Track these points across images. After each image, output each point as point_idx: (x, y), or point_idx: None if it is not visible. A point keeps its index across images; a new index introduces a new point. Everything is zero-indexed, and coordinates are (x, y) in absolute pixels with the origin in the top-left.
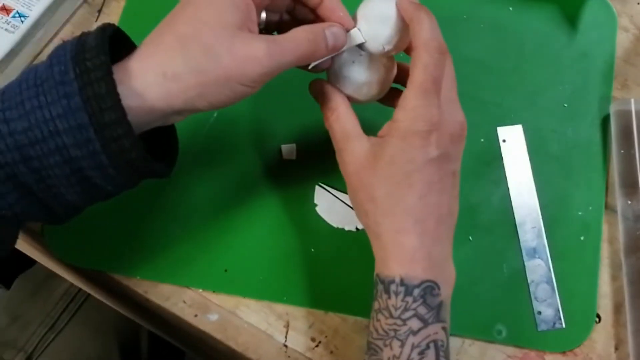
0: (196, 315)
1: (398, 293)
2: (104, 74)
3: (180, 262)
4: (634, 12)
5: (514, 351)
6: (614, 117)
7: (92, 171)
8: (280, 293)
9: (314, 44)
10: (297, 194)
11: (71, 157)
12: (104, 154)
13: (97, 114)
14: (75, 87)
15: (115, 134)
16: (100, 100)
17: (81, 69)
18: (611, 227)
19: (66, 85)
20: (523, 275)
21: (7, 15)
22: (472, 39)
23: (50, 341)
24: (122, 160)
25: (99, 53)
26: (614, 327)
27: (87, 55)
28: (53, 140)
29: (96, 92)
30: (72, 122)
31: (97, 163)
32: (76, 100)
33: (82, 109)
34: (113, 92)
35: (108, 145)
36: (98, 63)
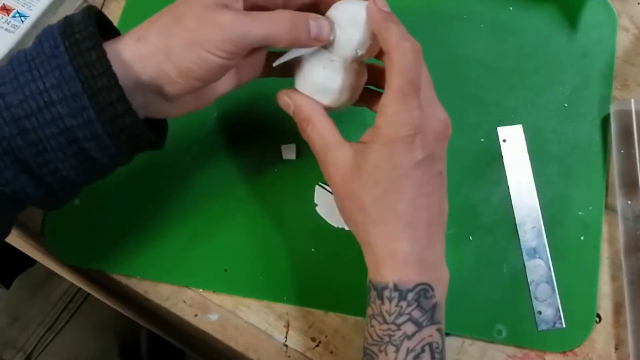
0: (196, 315)
1: (392, 299)
2: (93, 43)
3: (180, 262)
4: (634, 12)
5: (514, 351)
6: (614, 117)
7: (88, 142)
8: (280, 293)
9: (290, 26)
10: (297, 194)
11: (67, 127)
12: (99, 121)
13: (90, 81)
14: (67, 58)
15: (109, 99)
16: (92, 68)
17: (70, 41)
18: (611, 227)
19: (58, 58)
20: (523, 275)
21: (7, 15)
22: (472, 39)
23: (49, 341)
24: (116, 127)
25: (87, 25)
26: (614, 327)
27: (76, 28)
28: (48, 110)
29: (87, 60)
30: (66, 91)
31: (92, 131)
32: (68, 70)
33: (74, 77)
34: (103, 59)
35: (102, 111)
36: (87, 34)
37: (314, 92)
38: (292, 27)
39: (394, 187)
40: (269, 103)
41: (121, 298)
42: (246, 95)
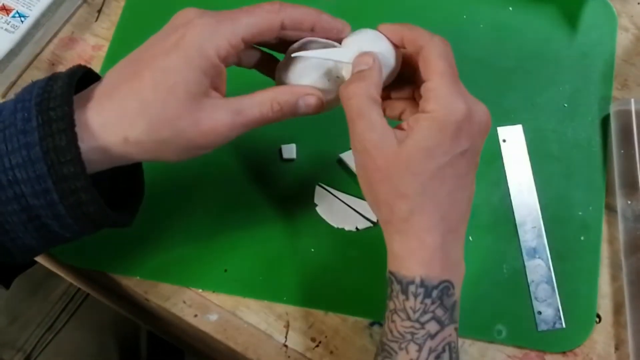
0: (196, 315)
1: (417, 295)
2: (66, 126)
3: (180, 262)
4: (634, 12)
5: (514, 351)
6: (614, 117)
7: (50, 220)
8: (280, 293)
9: (280, 114)
10: (297, 194)
11: (29, 205)
12: (62, 204)
13: (56, 166)
14: (36, 137)
15: (74, 186)
16: (60, 153)
17: (44, 118)
18: (611, 227)
19: (27, 135)
20: (523, 275)
21: (7, 15)
22: (472, 39)
23: (49, 341)
24: (79, 212)
25: (62, 103)
26: (614, 327)
27: (52, 104)
28: (11, 188)
29: (57, 144)
30: (31, 172)
31: (55, 213)
32: (36, 151)
33: (41, 159)
34: (74, 146)
35: (66, 197)
36: (61, 114)
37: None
38: (281, 115)
39: (439, 175)
40: None
41: (121, 298)
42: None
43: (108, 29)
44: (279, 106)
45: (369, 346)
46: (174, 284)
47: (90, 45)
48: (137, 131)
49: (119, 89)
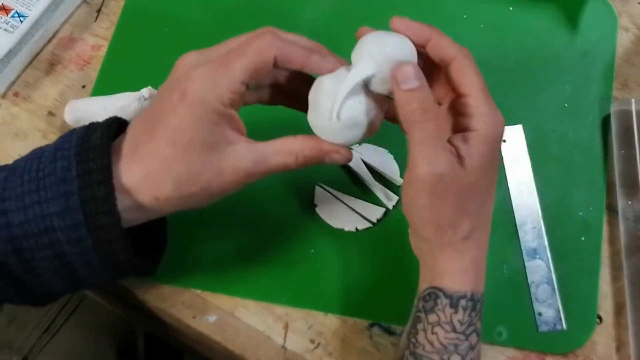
0: (195, 316)
1: (467, 308)
2: (104, 178)
3: (179, 263)
4: (634, 12)
5: (515, 353)
6: (614, 117)
7: (81, 267)
8: (279, 294)
9: (303, 165)
10: (297, 194)
11: (63, 252)
12: (95, 252)
13: (93, 216)
14: (75, 186)
15: (109, 236)
16: (98, 203)
17: (84, 169)
18: (612, 228)
19: (67, 184)
20: (523, 276)
21: (6, 15)
22: (472, 39)
23: (46, 342)
24: (110, 261)
25: (101, 154)
26: (615, 328)
27: (91, 154)
28: (47, 235)
29: (95, 194)
30: (68, 220)
31: (87, 261)
32: (74, 200)
33: (79, 209)
34: (111, 197)
35: (100, 246)
36: (100, 165)
37: (345, 126)
38: (300, 165)
39: (490, 190)
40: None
41: (119, 299)
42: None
43: (107, 29)
44: (304, 159)
45: (369, 347)
46: (173, 285)
47: (90, 45)
48: (165, 190)
49: (139, 149)
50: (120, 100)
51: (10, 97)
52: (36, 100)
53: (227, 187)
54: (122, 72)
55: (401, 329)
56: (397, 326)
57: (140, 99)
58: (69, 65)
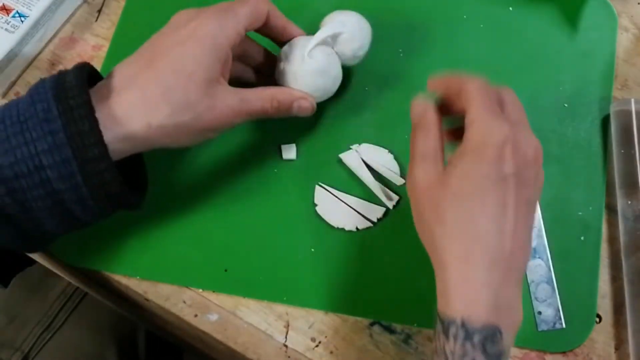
0: (196, 315)
1: (457, 337)
2: (86, 112)
3: (180, 262)
4: (634, 12)
5: (514, 351)
6: (614, 117)
7: (73, 203)
8: (280, 293)
9: (277, 111)
10: (297, 194)
11: (54, 189)
12: (86, 186)
13: (81, 149)
14: (59, 124)
15: (98, 168)
16: (84, 137)
17: (64, 106)
18: (611, 227)
19: (50, 123)
20: (523, 275)
21: (7, 15)
22: (472, 39)
23: (47, 341)
24: (102, 193)
25: (80, 92)
26: (614, 327)
27: (69, 93)
28: (38, 174)
29: (80, 129)
30: (57, 157)
31: (79, 195)
32: (60, 137)
33: (66, 144)
34: (96, 130)
35: (90, 178)
36: (80, 102)
37: (315, 70)
38: (278, 112)
39: (478, 199)
40: None
41: (120, 298)
42: None
43: (108, 29)
44: (277, 103)
45: (369, 346)
46: (174, 284)
47: (91, 45)
48: (160, 116)
49: (136, 79)
50: None
51: (11, 97)
52: None
53: (216, 122)
54: None
55: (401, 327)
56: (398, 325)
57: None
58: (69, 65)
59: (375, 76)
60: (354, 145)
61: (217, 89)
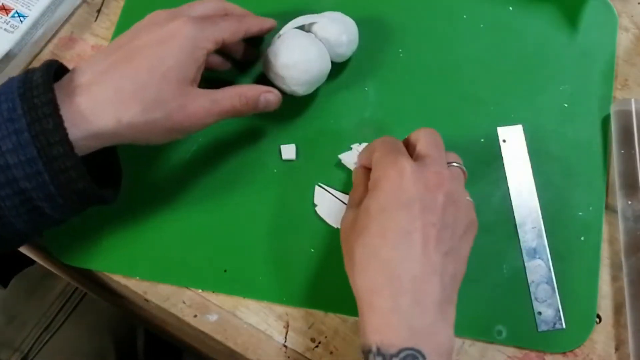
0: (195, 315)
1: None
2: (51, 110)
3: (180, 262)
4: (634, 12)
5: (514, 352)
6: (614, 117)
7: (42, 201)
8: (280, 293)
9: (246, 107)
10: (297, 194)
11: (21, 189)
12: (53, 184)
13: (46, 148)
14: (24, 123)
15: (63, 165)
16: (49, 135)
17: (29, 105)
18: (611, 228)
19: (15, 122)
20: (523, 276)
21: (7, 15)
22: (472, 38)
23: (46, 341)
24: (69, 190)
25: (45, 90)
26: (615, 327)
27: (34, 92)
28: (3, 173)
29: (44, 127)
30: (22, 156)
31: (46, 193)
32: (25, 136)
33: (31, 144)
34: (60, 127)
35: (56, 176)
36: (45, 100)
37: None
38: (247, 108)
39: (377, 230)
40: None
41: (119, 298)
42: None
43: (108, 29)
44: (245, 99)
45: None
46: (174, 284)
47: (90, 45)
48: (131, 112)
49: (109, 74)
50: None
51: None
52: None
53: (187, 121)
54: None
55: None
56: None
57: None
58: (69, 65)
59: (375, 76)
60: (354, 145)
61: (189, 90)
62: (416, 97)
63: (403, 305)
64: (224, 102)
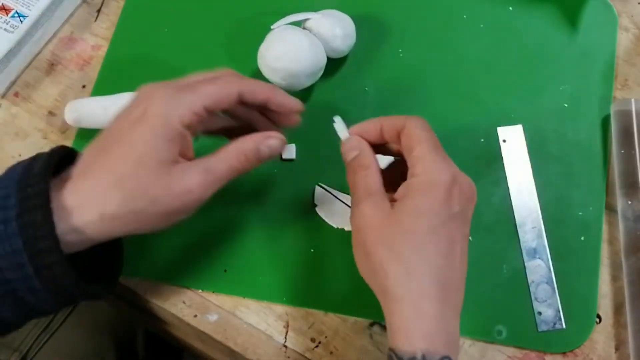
0: (196, 315)
1: None
2: (41, 202)
3: (180, 262)
4: (634, 11)
5: (514, 352)
6: (614, 117)
7: (26, 293)
8: (280, 293)
9: (247, 163)
10: (297, 194)
11: (6, 279)
12: (37, 278)
13: (32, 241)
14: (14, 213)
15: (48, 261)
16: (37, 228)
17: (22, 195)
18: (611, 228)
19: (6, 211)
20: (523, 276)
21: (6, 15)
22: (472, 38)
23: (45, 341)
24: (54, 285)
25: (40, 180)
26: (615, 327)
27: (30, 181)
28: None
29: (33, 219)
30: (8, 247)
31: (30, 286)
32: (13, 226)
33: (17, 234)
34: (49, 220)
35: (40, 271)
36: (38, 190)
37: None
38: (248, 164)
39: (432, 237)
40: None
41: (119, 298)
42: None
43: (107, 29)
44: (244, 156)
45: (369, 346)
46: (174, 284)
47: (90, 45)
48: (112, 205)
49: (92, 167)
50: (120, 100)
51: (10, 97)
52: (36, 100)
53: (179, 203)
54: (122, 72)
55: None
56: None
57: None
58: (69, 65)
59: (375, 76)
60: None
61: (172, 169)
62: (416, 97)
63: (446, 313)
64: (218, 168)
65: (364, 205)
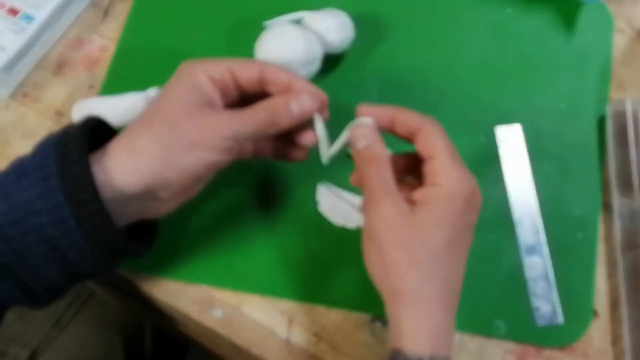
0: (201, 311)
1: None
2: (79, 155)
3: (185, 258)
4: (630, 14)
5: (513, 346)
6: (610, 117)
7: (69, 250)
8: (284, 289)
9: (272, 117)
10: (299, 192)
11: (48, 235)
12: (79, 232)
13: (72, 194)
14: (54, 170)
15: (89, 211)
16: (76, 181)
17: (61, 152)
18: (607, 225)
19: (45, 169)
20: (521, 272)
21: (15, 16)
22: (472, 39)
23: (54, 337)
24: (95, 238)
25: (78, 138)
26: (611, 322)
27: (68, 139)
28: (32, 219)
29: (71, 173)
30: (49, 202)
31: (72, 241)
32: (53, 182)
33: (58, 189)
34: (87, 172)
35: (82, 223)
36: (74, 147)
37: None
38: (273, 117)
39: (448, 246)
40: None
41: (126, 295)
42: None
43: (114, 31)
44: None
45: (371, 341)
46: (180, 280)
47: (97, 47)
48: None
49: (128, 129)
50: (127, 100)
51: (19, 98)
52: (44, 101)
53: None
54: (129, 73)
55: None
56: None
57: (147, 98)
58: (76, 66)
59: (375, 76)
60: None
61: (198, 110)
62: (415, 97)
63: (449, 315)
64: (247, 114)
65: (383, 205)
